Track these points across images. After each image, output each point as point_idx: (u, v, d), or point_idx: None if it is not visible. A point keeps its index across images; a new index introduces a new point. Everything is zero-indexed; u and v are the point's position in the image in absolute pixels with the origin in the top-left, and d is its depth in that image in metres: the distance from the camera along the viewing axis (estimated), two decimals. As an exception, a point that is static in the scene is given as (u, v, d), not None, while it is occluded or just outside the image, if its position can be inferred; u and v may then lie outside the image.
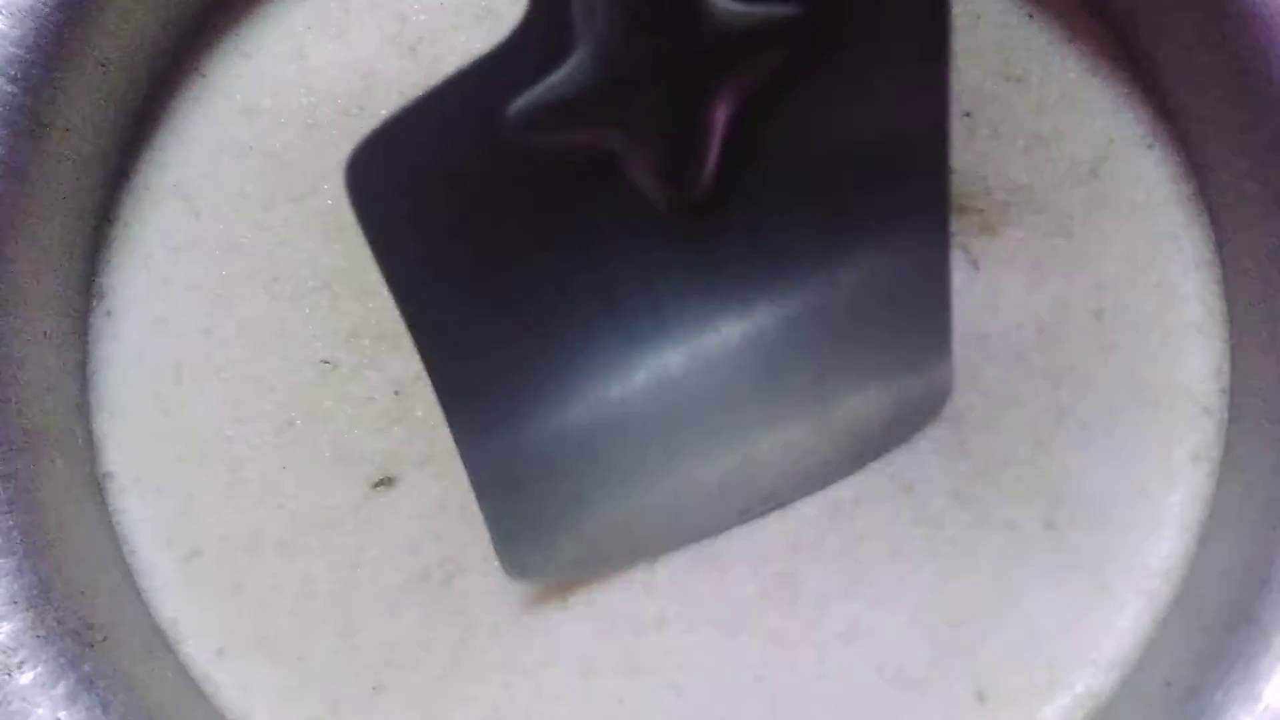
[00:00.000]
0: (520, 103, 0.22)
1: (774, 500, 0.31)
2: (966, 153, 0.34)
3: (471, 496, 0.32)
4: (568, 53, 0.21)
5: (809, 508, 0.32)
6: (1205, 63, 0.32)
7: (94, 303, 0.33)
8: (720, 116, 0.23)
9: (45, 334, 0.32)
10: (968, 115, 0.34)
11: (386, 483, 0.32)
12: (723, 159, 0.23)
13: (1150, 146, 0.34)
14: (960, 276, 0.34)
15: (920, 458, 0.32)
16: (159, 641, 0.31)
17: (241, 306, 0.33)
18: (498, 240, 0.23)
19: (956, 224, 0.34)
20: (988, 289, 0.34)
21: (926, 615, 0.31)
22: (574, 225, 0.23)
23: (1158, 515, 0.32)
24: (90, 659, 0.28)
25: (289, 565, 0.32)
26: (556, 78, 0.22)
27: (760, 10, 0.22)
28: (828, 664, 0.31)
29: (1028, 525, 0.32)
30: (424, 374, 0.32)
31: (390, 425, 0.32)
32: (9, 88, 0.30)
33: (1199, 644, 0.29)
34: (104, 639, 0.29)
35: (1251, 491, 0.31)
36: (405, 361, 0.33)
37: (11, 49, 0.30)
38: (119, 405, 0.33)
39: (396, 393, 0.32)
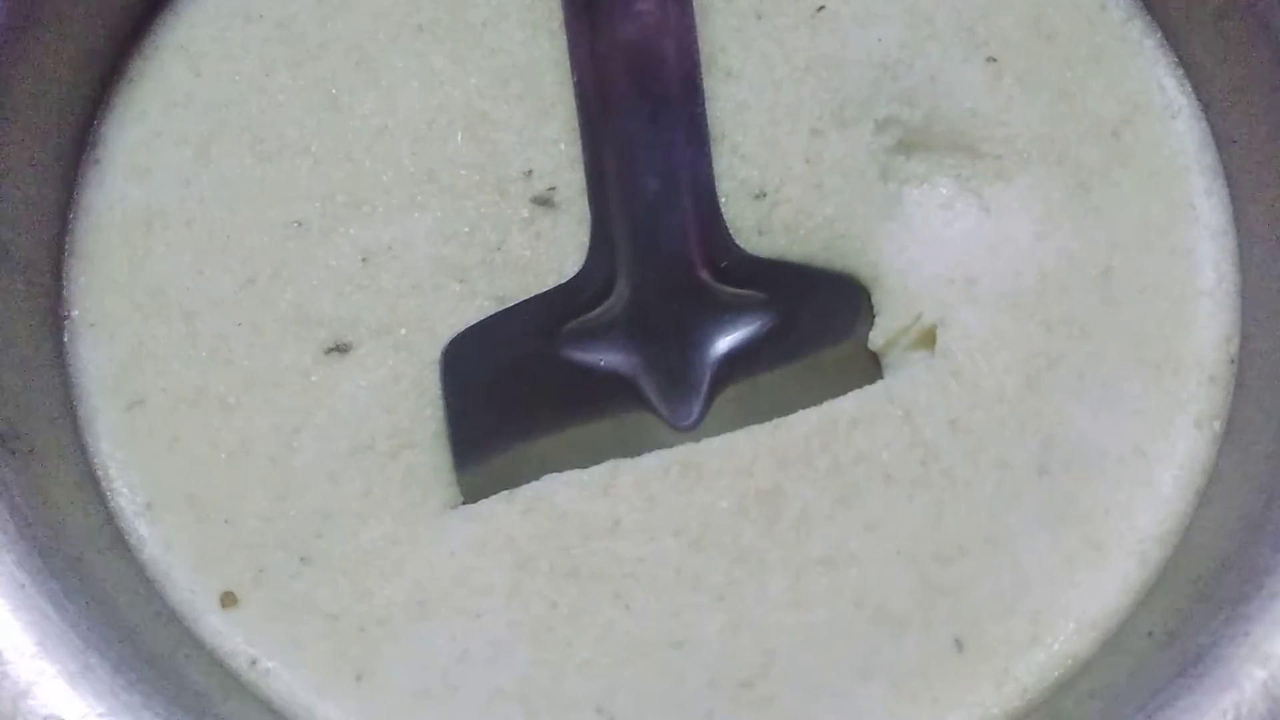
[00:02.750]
0: (571, 325, 0.31)
1: None
2: (988, 96, 0.33)
3: (428, 371, 0.31)
4: (609, 294, 0.31)
5: (803, 424, 0.30)
6: (1233, 30, 0.31)
7: (86, 151, 0.33)
8: (710, 363, 0.31)
9: (30, 162, 0.31)
10: (993, 60, 0.33)
11: (341, 349, 0.31)
12: (709, 396, 0.31)
13: (1174, 116, 0.33)
14: (968, 220, 0.33)
15: (918, 384, 0.31)
16: (89, 485, 0.30)
17: (224, 162, 0.32)
18: (533, 415, 0.31)
19: (970, 167, 0.33)
20: (994, 234, 0.32)
21: (916, 548, 0.29)
22: (591, 421, 0.31)
23: (1155, 479, 0.30)
24: (11, 466, 0.27)
25: (229, 422, 0.31)
26: (597, 312, 0.31)
27: (742, 292, 0.31)
28: (802, 590, 0.29)
29: (1021, 466, 0.30)
30: (394, 244, 0.32)
31: (353, 292, 0.31)
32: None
33: (1188, 594, 0.27)
34: (30, 451, 0.28)
35: (1251, 456, 0.29)
36: (377, 230, 0.32)
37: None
38: (90, 250, 0.32)
39: (364, 260, 0.31)
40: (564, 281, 0.31)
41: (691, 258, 0.31)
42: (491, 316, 0.30)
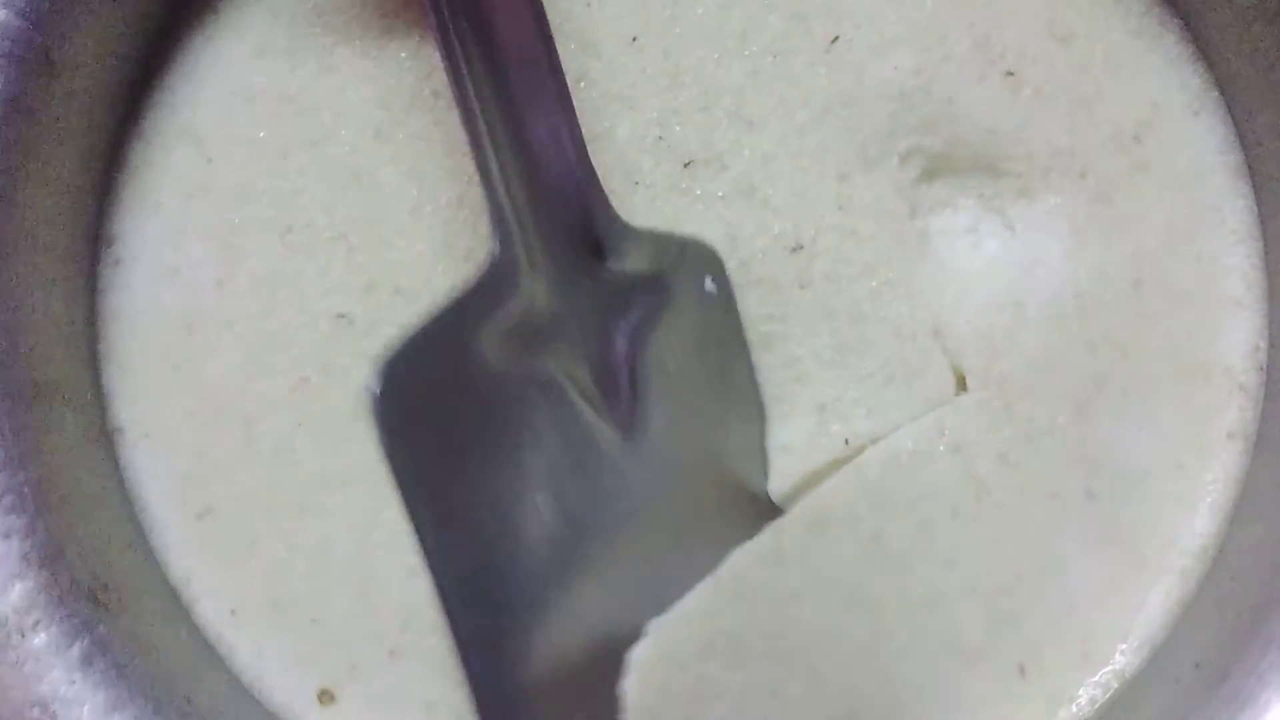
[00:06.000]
0: (488, 328, 0.29)
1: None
2: (1008, 114, 0.33)
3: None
4: (519, 289, 0.29)
5: (874, 460, 0.30)
6: (1259, 30, 0.31)
7: (103, 250, 0.32)
8: (622, 348, 0.30)
9: (53, 280, 0.30)
10: (1010, 75, 0.33)
11: (405, 442, 0.31)
12: (633, 396, 0.30)
13: (1196, 114, 0.33)
14: (994, 242, 0.33)
15: (967, 418, 0.31)
16: (173, 602, 0.31)
17: (255, 257, 0.32)
18: (475, 440, 0.29)
19: (993, 187, 0.33)
20: (1024, 254, 0.33)
21: (985, 582, 0.31)
22: (532, 433, 0.29)
23: (1193, 492, 0.32)
24: (104, 621, 0.27)
25: (304, 525, 0.31)
26: (512, 309, 0.29)
27: (630, 271, 0.30)
28: (915, 633, 0.30)
29: (1070, 494, 0.31)
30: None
31: (409, 383, 0.31)
32: (18, 22, 0.28)
33: (1231, 626, 0.28)
34: (118, 600, 0.28)
35: (1286, 469, 0.30)
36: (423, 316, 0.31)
37: (20, -18, 0.28)
38: (129, 358, 0.32)
39: (416, 350, 0.31)
40: (476, 277, 0.29)
41: (580, 234, 0.30)
42: (414, 333, 0.28)
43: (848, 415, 0.32)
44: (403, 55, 0.32)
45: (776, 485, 0.32)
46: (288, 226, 0.32)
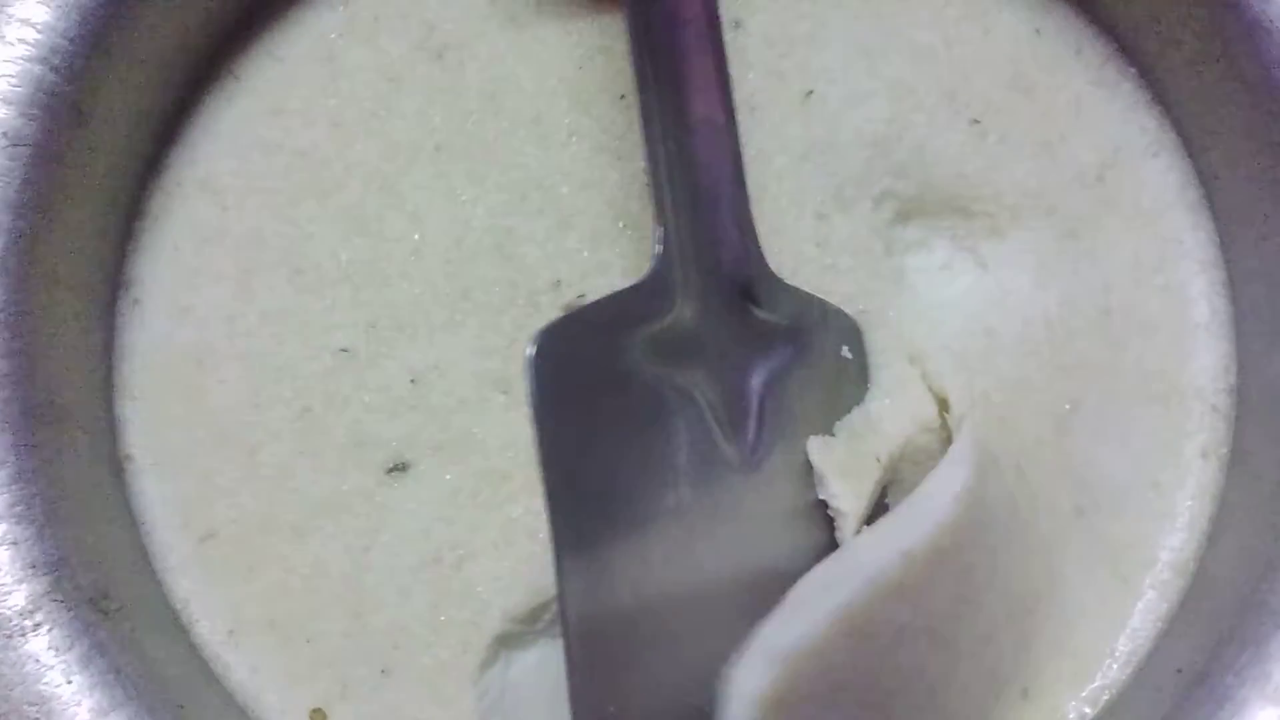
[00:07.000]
0: (644, 332, 0.30)
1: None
2: (975, 158, 0.35)
3: (482, 482, 0.32)
4: (672, 306, 0.31)
5: (958, 488, 0.28)
6: (1208, 75, 0.33)
7: (121, 291, 0.34)
8: (756, 386, 0.32)
9: (74, 315, 0.32)
10: (976, 122, 0.35)
11: (400, 468, 0.33)
12: (759, 431, 0.31)
13: (1156, 154, 0.35)
14: (967, 278, 0.34)
15: (983, 432, 0.31)
16: (172, 620, 0.32)
17: (264, 297, 0.34)
18: (617, 416, 0.30)
19: (964, 227, 0.35)
20: (996, 287, 0.34)
21: (1017, 606, 0.31)
22: (667, 440, 0.30)
23: (1169, 510, 0.32)
24: (105, 627, 0.28)
25: (302, 548, 0.32)
26: (667, 322, 0.31)
27: (774, 319, 0.32)
28: (971, 671, 0.29)
29: (1063, 509, 0.32)
30: (440, 364, 0.33)
31: (405, 412, 0.33)
32: (51, 76, 0.31)
33: (1209, 631, 0.29)
34: (119, 609, 0.29)
35: (1259, 484, 0.31)
36: (422, 351, 0.33)
37: (57, 39, 0.31)
38: (142, 390, 0.34)
39: (412, 381, 0.33)
40: (638, 280, 0.31)
41: (734, 276, 0.32)
42: (576, 311, 0.31)
43: (863, 434, 0.32)
44: (408, 112, 0.35)
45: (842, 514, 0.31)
46: (296, 269, 0.34)
